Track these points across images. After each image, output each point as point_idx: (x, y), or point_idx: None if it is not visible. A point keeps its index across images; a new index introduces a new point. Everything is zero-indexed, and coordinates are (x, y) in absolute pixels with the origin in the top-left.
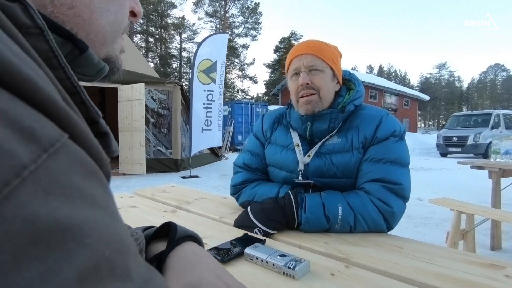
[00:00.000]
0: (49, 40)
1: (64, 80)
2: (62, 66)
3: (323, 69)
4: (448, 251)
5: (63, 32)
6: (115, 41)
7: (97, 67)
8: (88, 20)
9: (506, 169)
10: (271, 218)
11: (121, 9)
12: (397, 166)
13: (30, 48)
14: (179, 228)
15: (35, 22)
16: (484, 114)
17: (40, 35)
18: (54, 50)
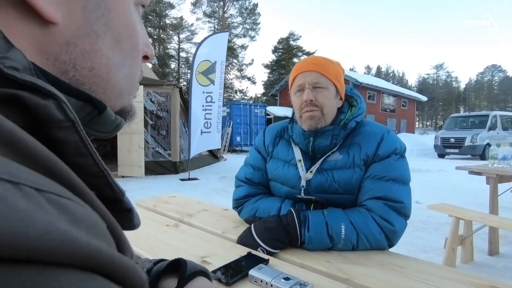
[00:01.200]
0: (80, 132)
1: (93, 166)
2: (91, 153)
3: (327, 86)
4: (448, 271)
5: (84, 96)
6: (131, 92)
7: (114, 124)
8: (106, 78)
9: (504, 175)
10: (275, 238)
11: (136, 61)
12: (398, 184)
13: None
14: (189, 263)
15: (67, 116)
16: (482, 115)
17: (71, 127)
18: (84, 140)
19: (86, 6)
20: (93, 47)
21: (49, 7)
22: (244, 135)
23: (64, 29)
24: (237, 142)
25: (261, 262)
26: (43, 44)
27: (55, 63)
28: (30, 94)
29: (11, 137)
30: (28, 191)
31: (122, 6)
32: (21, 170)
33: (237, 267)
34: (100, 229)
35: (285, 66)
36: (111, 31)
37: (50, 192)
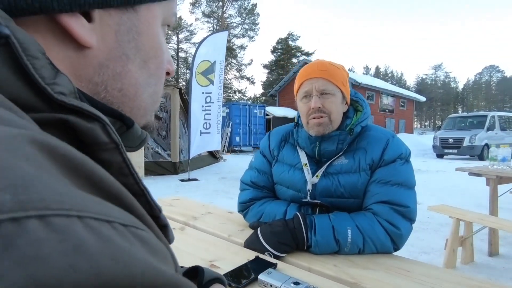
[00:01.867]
0: (123, 153)
1: (133, 185)
2: (132, 173)
3: (334, 92)
4: (453, 275)
5: (115, 113)
6: (154, 109)
7: (140, 138)
8: (133, 97)
9: (503, 176)
10: (282, 242)
11: (160, 79)
12: (404, 188)
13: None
14: (206, 271)
15: (112, 138)
16: (480, 116)
17: (115, 149)
18: (126, 161)
19: (119, 30)
20: (124, 69)
21: (85, 33)
22: (243, 136)
23: (98, 53)
24: (237, 142)
25: (270, 267)
26: (77, 67)
27: (88, 85)
28: (78, 118)
29: (85, 170)
30: (119, 228)
31: (151, 29)
32: (108, 206)
33: (246, 272)
34: (168, 256)
35: (284, 66)
36: (140, 53)
37: (132, 226)
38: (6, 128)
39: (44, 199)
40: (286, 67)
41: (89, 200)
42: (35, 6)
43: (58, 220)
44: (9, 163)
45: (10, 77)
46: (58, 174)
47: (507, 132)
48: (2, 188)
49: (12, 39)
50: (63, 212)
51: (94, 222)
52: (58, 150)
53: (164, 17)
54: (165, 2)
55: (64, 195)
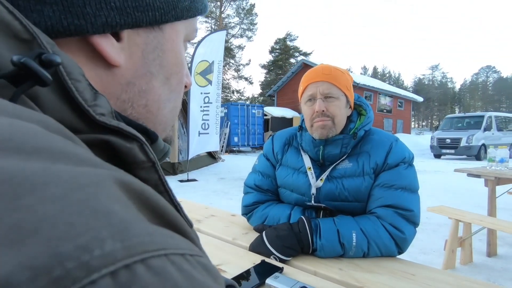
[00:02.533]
0: (159, 171)
1: (168, 202)
2: (167, 190)
3: (338, 96)
4: (457, 278)
5: (141, 128)
6: (173, 123)
7: (163, 151)
8: (156, 113)
9: (501, 177)
10: (287, 246)
11: (179, 94)
12: (408, 192)
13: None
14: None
15: (149, 157)
16: (477, 116)
17: (152, 167)
18: (161, 178)
19: (145, 49)
20: (148, 85)
21: (115, 52)
22: (241, 136)
23: (125, 71)
24: (235, 142)
25: (276, 270)
26: (106, 86)
27: (116, 102)
28: (117, 138)
29: (151, 202)
30: (190, 259)
31: (175, 46)
32: (176, 238)
33: (253, 276)
34: (220, 277)
35: (282, 66)
36: (163, 70)
37: (195, 255)
38: (92, 169)
39: (142, 243)
40: (284, 67)
41: (166, 236)
42: (70, 29)
43: (155, 262)
44: (110, 208)
45: (55, 99)
46: (137, 212)
47: (504, 132)
48: (112, 235)
49: (60, 66)
50: (156, 253)
51: (175, 258)
52: (132, 187)
53: (186, 34)
54: (189, 19)
55: (152, 235)
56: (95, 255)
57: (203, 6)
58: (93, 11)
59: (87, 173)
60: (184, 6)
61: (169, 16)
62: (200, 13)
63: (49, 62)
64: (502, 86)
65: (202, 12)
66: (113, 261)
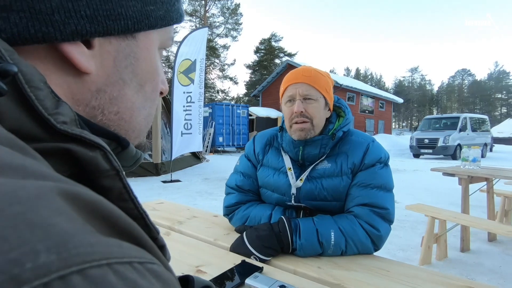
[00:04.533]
0: (123, 179)
1: (133, 209)
2: (132, 198)
3: (317, 98)
4: (429, 273)
5: (111, 135)
6: (147, 130)
7: (135, 158)
8: (129, 120)
9: (474, 176)
10: (267, 246)
11: (154, 101)
12: (383, 191)
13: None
14: (196, 279)
15: (112, 165)
16: (453, 117)
17: (116, 175)
18: (126, 186)
19: (117, 56)
20: (120, 93)
21: (85, 60)
22: (226, 136)
23: (96, 78)
24: (220, 143)
25: (256, 270)
26: (75, 92)
27: (85, 108)
28: (79, 147)
29: (102, 211)
30: (138, 267)
31: (149, 54)
32: (125, 246)
33: (232, 276)
34: (176, 284)
35: (267, 66)
36: (137, 77)
37: (147, 262)
38: (35, 182)
39: (81, 254)
40: (269, 68)
41: (112, 245)
42: (38, 37)
43: (93, 272)
44: (49, 221)
45: (13, 108)
46: (84, 222)
47: (478, 133)
48: (48, 248)
49: (18, 74)
50: (96, 263)
51: (119, 267)
52: (80, 198)
53: (161, 42)
54: (163, 28)
55: (94, 245)
56: (26, 268)
57: (179, 15)
58: (62, 18)
59: (28, 186)
60: (158, 15)
61: (142, 25)
62: (175, 22)
63: (4, 72)
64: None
65: (177, 21)
66: (46, 272)
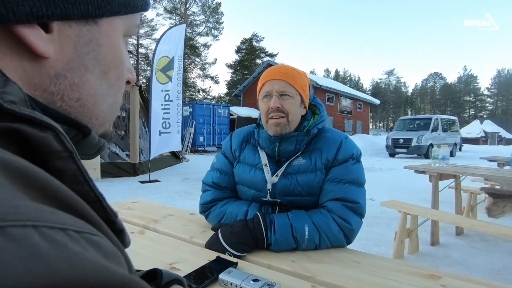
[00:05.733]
0: (77, 161)
1: (89, 192)
2: (87, 180)
3: (293, 95)
4: (397, 263)
5: (70, 121)
6: (112, 119)
7: (97, 146)
8: (92, 107)
9: (443, 173)
10: (241, 242)
11: (120, 90)
12: (355, 186)
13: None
14: (165, 272)
15: (65, 147)
16: (426, 118)
17: (69, 157)
18: (80, 168)
19: (78, 41)
20: (82, 79)
21: (42, 43)
22: (207, 136)
23: (55, 63)
24: (200, 142)
25: (230, 266)
26: (32, 77)
27: (43, 93)
28: (29, 127)
29: (39, 182)
30: (73, 235)
31: (112, 41)
32: (61, 215)
33: (206, 272)
34: (121, 259)
35: (248, 66)
36: (100, 64)
37: (85, 232)
38: None
39: (2, 213)
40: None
41: (43, 211)
42: None
43: (14, 230)
44: None
45: None
46: (14, 189)
47: (448, 133)
48: None
49: None
50: (19, 222)
51: (48, 231)
52: (12, 165)
53: (126, 29)
54: (128, 15)
55: (19, 207)
56: None
57: (144, 3)
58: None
59: None
60: (121, 1)
61: (103, 10)
62: (140, 9)
63: None
64: (447, 91)
65: (142, 8)
66: None
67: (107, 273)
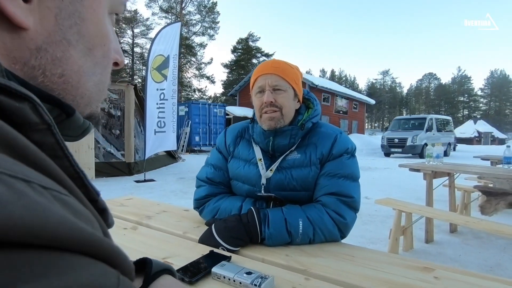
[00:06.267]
0: (56, 134)
1: (69, 167)
2: (67, 155)
3: (286, 89)
4: (390, 256)
5: (52, 99)
6: (100, 99)
7: (82, 127)
8: (76, 85)
9: (437, 171)
10: (235, 236)
11: (106, 69)
12: (349, 180)
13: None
14: (154, 262)
15: (43, 119)
16: (420, 118)
17: (47, 130)
18: (60, 142)
19: (59, 14)
20: (65, 54)
21: (21, 13)
22: (203, 135)
23: (35, 35)
24: (196, 142)
25: (224, 260)
26: (11, 49)
27: (23, 68)
28: (5, 97)
29: (9, 139)
30: (37, 188)
31: (96, 16)
32: (28, 170)
33: (199, 266)
34: (95, 223)
35: (245, 66)
36: (84, 39)
37: (53, 189)
38: None
39: None
40: (246, 67)
41: (5, 160)
42: None
43: None
44: None
45: None
46: None
47: (442, 133)
48: None
49: None
50: None
51: (8, 178)
52: None
53: (111, 5)
54: None
55: None
56: None
57: None
58: None
59: None
60: None
61: None
62: None
63: None
64: (441, 92)
65: None
66: None
67: (74, 227)
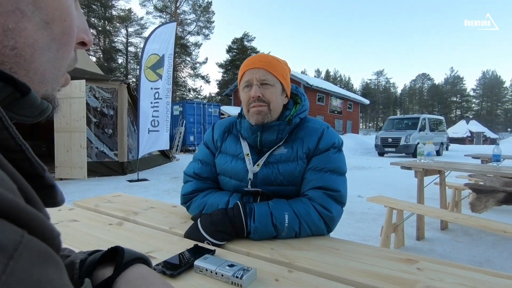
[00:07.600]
0: None
1: (9, 140)
2: (7, 127)
3: (273, 83)
4: (375, 249)
5: (3, 76)
6: (56, 79)
7: (40, 108)
8: (29, 59)
9: (428, 169)
10: (220, 230)
11: (66, 46)
12: (336, 175)
13: None
14: (127, 251)
15: None
16: (414, 118)
17: None
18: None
19: None
20: (18, 25)
21: None
22: (197, 135)
23: None
24: (191, 141)
25: (207, 253)
26: None
27: None
28: None
29: None
30: None
31: None
32: None
33: (183, 259)
34: (7, 184)
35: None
36: (40, 12)
37: None
38: None
39: None
40: None
41: None
42: None
43: None
44: None
45: None
46: None
47: (435, 133)
48: None
49: None
50: None
51: None
52: None
53: None
54: None
55: None
56: None
57: None
58: None
59: None
60: None
61: None
62: None
63: None
64: (434, 92)
65: None
66: None
67: None
